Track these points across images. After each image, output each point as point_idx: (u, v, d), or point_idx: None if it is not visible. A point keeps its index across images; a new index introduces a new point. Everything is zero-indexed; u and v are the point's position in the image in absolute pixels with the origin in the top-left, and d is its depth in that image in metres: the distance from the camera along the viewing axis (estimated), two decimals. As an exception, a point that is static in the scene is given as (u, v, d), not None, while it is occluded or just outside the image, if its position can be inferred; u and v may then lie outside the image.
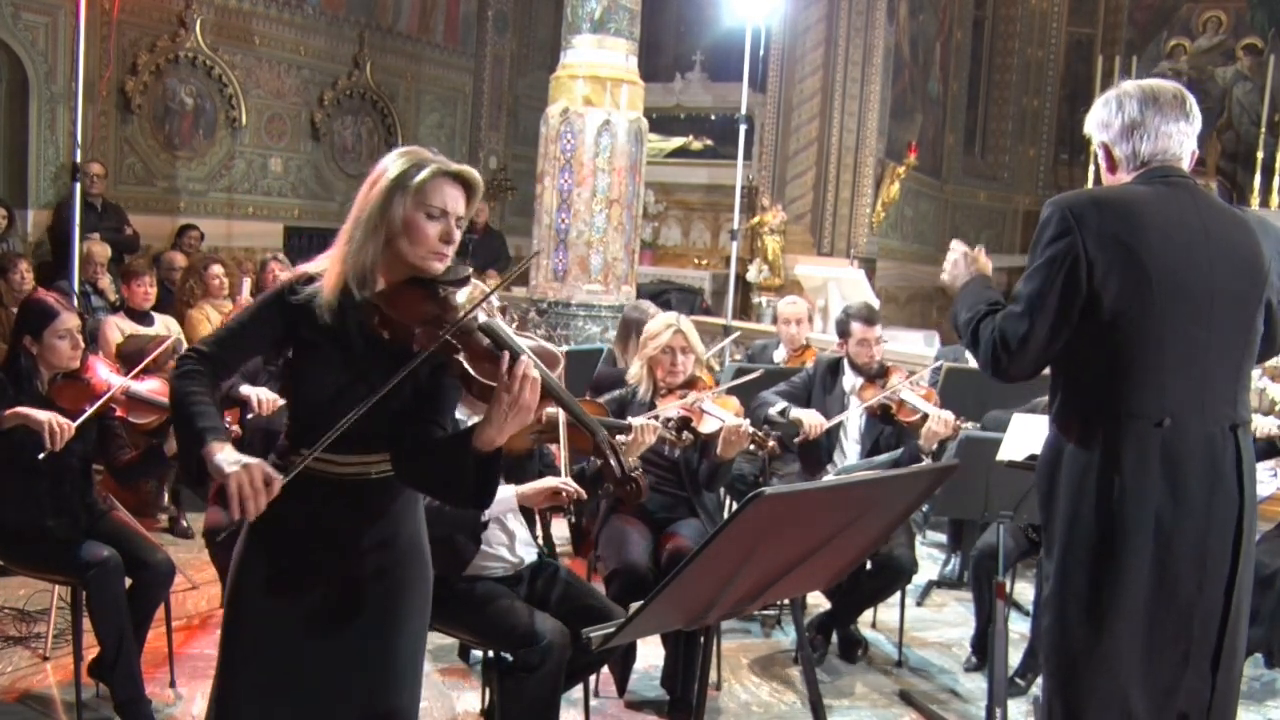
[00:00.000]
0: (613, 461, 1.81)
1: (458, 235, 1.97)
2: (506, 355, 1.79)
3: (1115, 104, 2.27)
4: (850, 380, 4.22)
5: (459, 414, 2.99)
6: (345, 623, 1.99)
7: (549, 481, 2.83)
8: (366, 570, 2.00)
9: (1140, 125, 2.22)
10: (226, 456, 1.81)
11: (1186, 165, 2.26)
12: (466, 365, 1.81)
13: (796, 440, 4.05)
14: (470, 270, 2.01)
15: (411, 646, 2.07)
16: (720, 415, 3.46)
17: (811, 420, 3.98)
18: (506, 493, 2.81)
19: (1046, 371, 2.31)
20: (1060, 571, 2.21)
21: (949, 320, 2.61)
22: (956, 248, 2.59)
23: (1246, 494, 2.18)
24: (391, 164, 1.95)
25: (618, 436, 3.11)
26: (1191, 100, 2.26)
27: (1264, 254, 2.22)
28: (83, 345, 3.20)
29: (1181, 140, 2.23)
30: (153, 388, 3.21)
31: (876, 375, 4.17)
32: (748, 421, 3.45)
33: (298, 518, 1.96)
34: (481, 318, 1.86)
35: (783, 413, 4.05)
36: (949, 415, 3.88)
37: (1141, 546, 2.12)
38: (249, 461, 1.78)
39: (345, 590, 1.99)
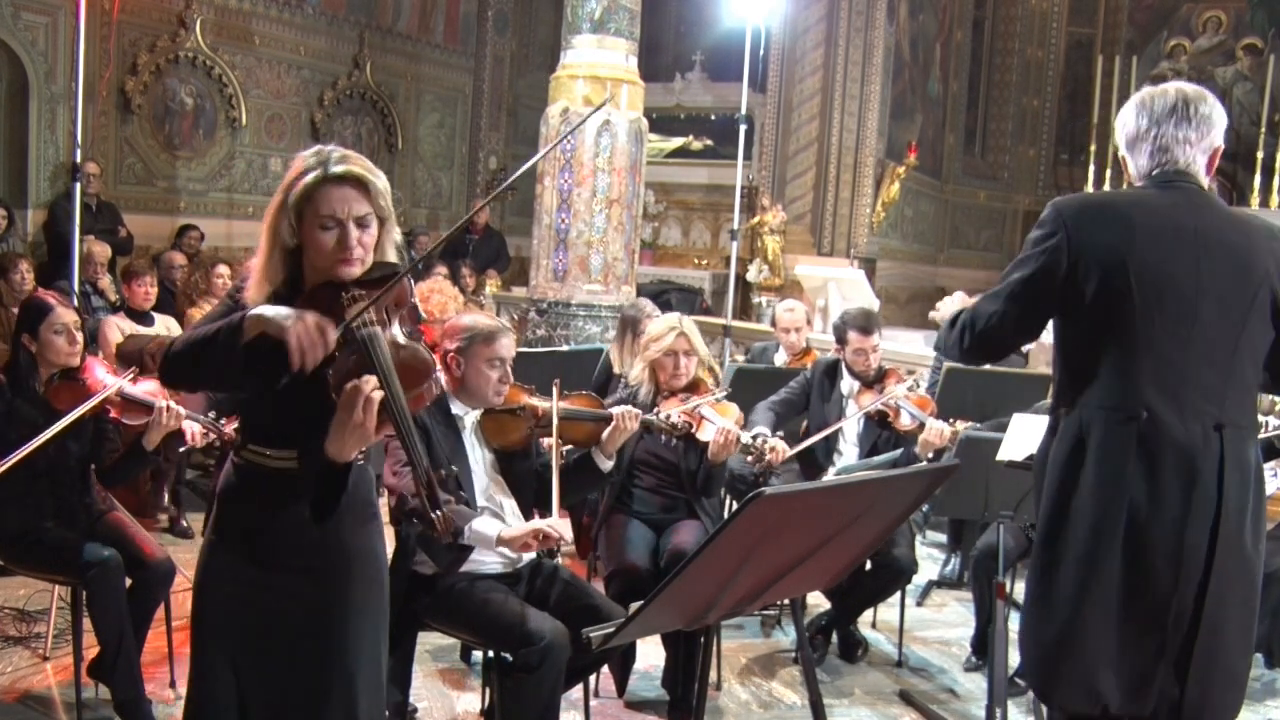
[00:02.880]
0: (424, 496, 1.83)
1: (361, 234, 1.93)
2: (351, 370, 1.80)
3: (1126, 114, 2.33)
4: (848, 384, 4.22)
5: (456, 409, 3.00)
6: (295, 614, 2.00)
7: (534, 525, 2.81)
8: (311, 562, 2.02)
9: (1143, 138, 2.28)
10: (275, 310, 1.82)
11: (1200, 168, 2.26)
12: (330, 378, 1.82)
13: (758, 468, 3.71)
14: (396, 265, 1.98)
15: (360, 638, 2.06)
16: (719, 422, 3.46)
17: (773, 448, 3.64)
18: (490, 532, 2.78)
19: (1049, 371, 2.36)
20: (1037, 557, 2.30)
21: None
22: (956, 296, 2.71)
23: (1228, 496, 2.15)
24: (286, 176, 1.96)
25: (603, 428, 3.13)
26: (1197, 104, 2.25)
27: (1260, 257, 2.20)
28: (81, 342, 3.20)
29: (1184, 149, 2.25)
30: (148, 389, 3.21)
31: (874, 380, 4.16)
32: (738, 428, 3.43)
33: (254, 512, 2.01)
34: (372, 330, 1.84)
35: (755, 437, 3.77)
36: (944, 426, 3.86)
37: (1112, 536, 2.18)
38: (299, 313, 1.79)
39: (292, 583, 2.01)
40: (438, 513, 1.82)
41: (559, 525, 2.80)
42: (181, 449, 3.80)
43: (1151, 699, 2.21)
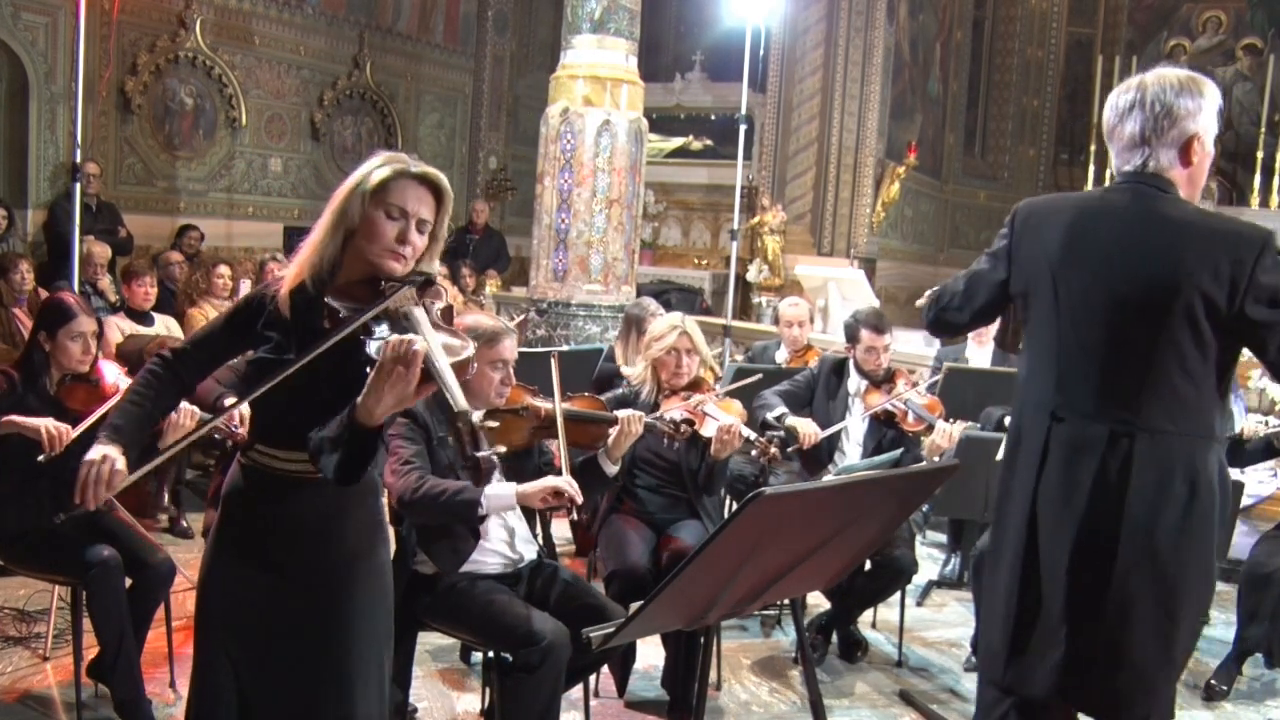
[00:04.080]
0: (467, 439, 1.81)
1: (418, 238, 1.97)
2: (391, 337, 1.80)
3: (1106, 108, 2.32)
4: (855, 383, 4.21)
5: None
6: (297, 618, 2.01)
7: (550, 481, 2.82)
8: (314, 567, 2.02)
9: (1110, 135, 2.31)
10: (97, 448, 1.89)
11: (1168, 162, 2.21)
12: (369, 348, 1.81)
13: (790, 450, 4.01)
14: (433, 274, 2.00)
15: (363, 643, 2.06)
16: (722, 418, 3.45)
17: (807, 429, 3.93)
18: (506, 490, 2.79)
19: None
20: (987, 543, 2.51)
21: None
22: None
23: (1133, 500, 2.15)
24: (364, 166, 1.99)
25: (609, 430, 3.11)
26: (1158, 97, 2.19)
27: (1191, 264, 2.12)
28: (94, 351, 3.21)
29: (1145, 147, 2.22)
30: None
31: (882, 380, 4.16)
32: (741, 424, 3.43)
33: (258, 514, 2.01)
34: (410, 310, 1.86)
35: (779, 419, 4.02)
36: (952, 429, 3.86)
37: (1021, 528, 2.29)
38: (106, 452, 1.88)
39: (295, 586, 2.01)
40: (482, 452, 1.81)
41: (574, 485, 2.80)
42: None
43: (1047, 685, 2.26)
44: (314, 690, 2.02)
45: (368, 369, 1.80)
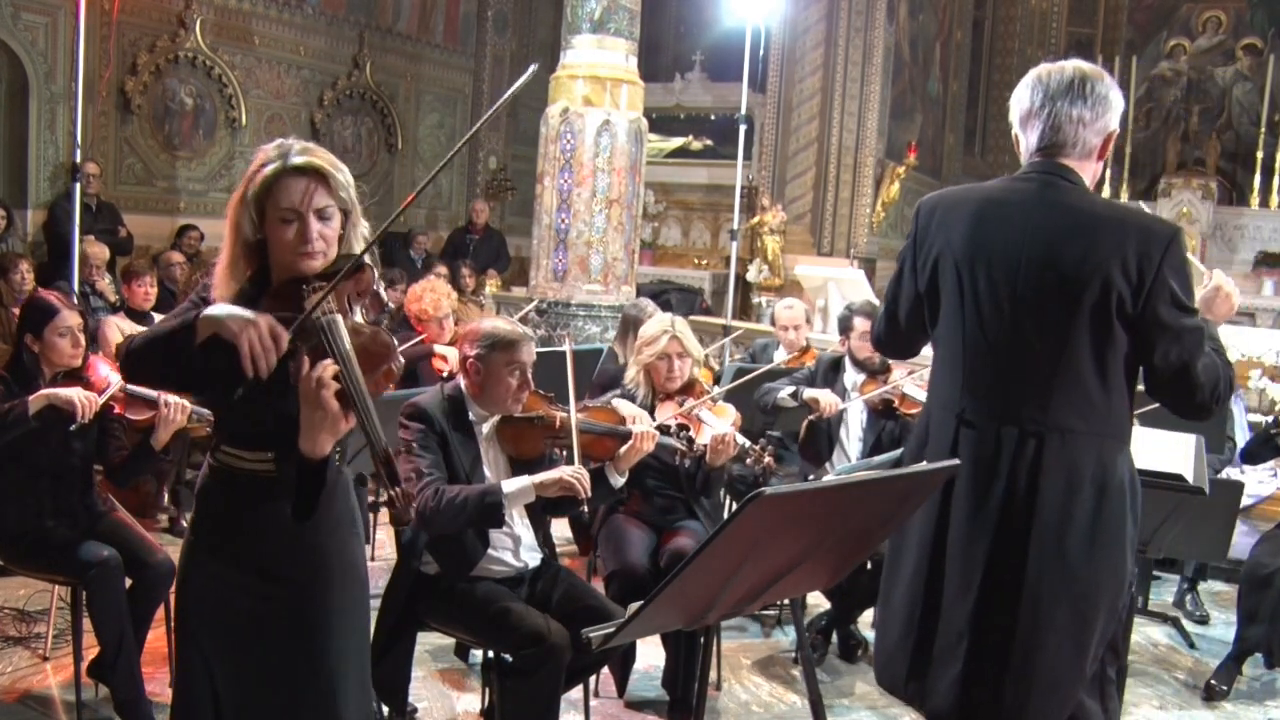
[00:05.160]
0: (384, 473, 1.78)
1: (324, 227, 1.90)
2: (306, 361, 1.77)
3: (1021, 91, 2.25)
4: (852, 377, 4.22)
5: (473, 415, 2.97)
6: (275, 617, 1.99)
7: (562, 472, 2.80)
8: (289, 565, 2.00)
9: (1036, 115, 2.20)
10: (228, 310, 1.77)
11: (1090, 150, 2.19)
12: (291, 372, 1.78)
13: (811, 418, 4.03)
14: (356, 255, 1.92)
15: (343, 641, 2.04)
16: (715, 424, 3.44)
17: (827, 399, 3.98)
18: (524, 483, 2.78)
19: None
20: (889, 543, 2.42)
21: None
22: None
23: (1043, 503, 2.12)
24: (249, 171, 1.92)
25: (621, 445, 3.08)
26: (1094, 83, 2.16)
27: (1099, 258, 2.07)
28: (84, 344, 3.20)
29: (1077, 128, 2.16)
30: None
31: (878, 371, 4.16)
32: (736, 432, 3.42)
33: (230, 513, 1.99)
34: (333, 320, 1.80)
35: (794, 394, 4.05)
36: None
37: (921, 532, 2.26)
38: (252, 316, 1.75)
39: (271, 585, 1.99)
40: (397, 489, 1.79)
41: (586, 477, 2.80)
42: None
43: (947, 699, 2.22)
44: (296, 690, 1.99)
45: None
